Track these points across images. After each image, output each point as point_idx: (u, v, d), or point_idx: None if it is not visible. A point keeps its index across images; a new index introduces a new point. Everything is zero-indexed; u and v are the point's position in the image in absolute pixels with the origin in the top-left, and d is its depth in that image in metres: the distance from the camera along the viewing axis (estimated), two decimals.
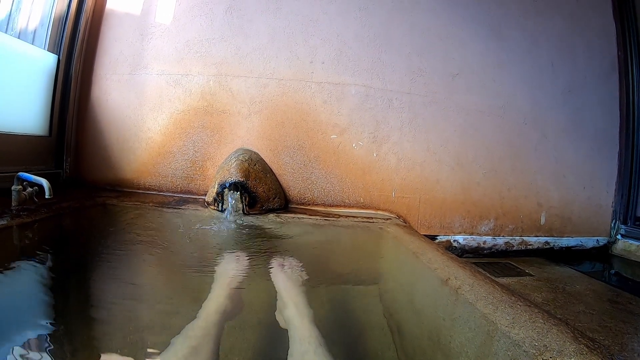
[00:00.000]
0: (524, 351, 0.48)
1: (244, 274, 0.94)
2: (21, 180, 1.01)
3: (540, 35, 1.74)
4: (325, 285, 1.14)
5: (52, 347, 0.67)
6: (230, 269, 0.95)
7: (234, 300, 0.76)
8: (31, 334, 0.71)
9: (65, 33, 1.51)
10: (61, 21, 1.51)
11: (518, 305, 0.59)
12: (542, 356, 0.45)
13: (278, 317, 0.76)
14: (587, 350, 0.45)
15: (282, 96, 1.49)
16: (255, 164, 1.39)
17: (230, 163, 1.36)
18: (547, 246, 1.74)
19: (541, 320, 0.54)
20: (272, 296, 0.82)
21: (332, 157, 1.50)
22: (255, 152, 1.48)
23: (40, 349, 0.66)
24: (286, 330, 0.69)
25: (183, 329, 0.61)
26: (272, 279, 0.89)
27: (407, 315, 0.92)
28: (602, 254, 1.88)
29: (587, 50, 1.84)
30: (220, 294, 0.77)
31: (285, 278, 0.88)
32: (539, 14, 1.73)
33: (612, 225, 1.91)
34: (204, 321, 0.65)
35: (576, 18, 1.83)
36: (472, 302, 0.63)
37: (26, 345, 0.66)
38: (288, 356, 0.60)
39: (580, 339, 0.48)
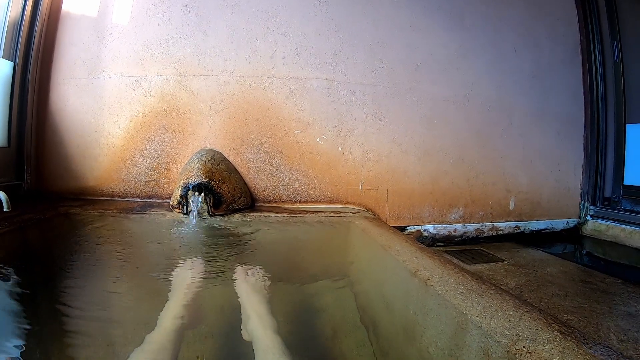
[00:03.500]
0: (496, 342, 0.46)
1: (205, 281, 0.92)
2: None
3: (503, 22, 1.76)
4: (296, 284, 1.13)
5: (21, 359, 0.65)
6: (188, 276, 0.92)
7: (193, 310, 0.74)
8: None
9: (20, 39, 1.46)
10: (16, 26, 1.46)
11: (488, 294, 0.58)
12: (515, 345, 0.44)
13: (242, 330, 0.74)
14: (560, 336, 0.44)
15: (243, 93, 1.47)
16: (219, 164, 1.37)
17: (193, 164, 1.34)
18: (518, 230, 1.77)
19: (513, 308, 0.53)
20: (234, 304, 0.80)
21: (297, 153, 1.49)
22: (218, 152, 1.46)
23: None
24: (249, 342, 0.67)
25: (140, 343, 0.59)
26: (235, 290, 0.87)
27: (379, 310, 0.91)
28: (573, 235, 1.93)
29: (550, 36, 1.87)
30: (177, 304, 0.75)
31: (248, 288, 0.86)
32: (500, 0, 1.75)
33: (581, 206, 1.96)
34: (160, 335, 0.63)
35: (538, 4, 1.85)
36: (441, 293, 0.62)
37: None
38: None
39: (553, 324, 0.48)
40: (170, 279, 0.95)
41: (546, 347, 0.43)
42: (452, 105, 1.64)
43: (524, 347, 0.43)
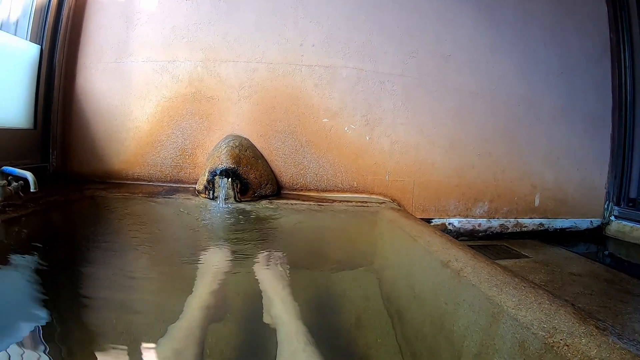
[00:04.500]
0: (533, 333, 0.46)
1: (230, 267, 0.91)
2: (5, 175, 0.97)
3: (532, 16, 1.73)
4: (321, 272, 1.13)
5: (44, 342, 0.65)
6: (214, 262, 0.92)
7: (219, 298, 0.74)
8: (22, 330, 0.69)
9: (47, 22, 1.47)
10: (43, 10, 1.46)
11: (522, 287, 0.58)
12: (553, 338, 0.44)
13: (265, 316, 0.74)
14: (596, 330, 0.44)
15: (272, 80, 1.46)
16: (246, 150, 1.37)
17: (220, 150, 1.34)
18: (542, 228, 1.74)
19: (547, 302, 0.52)
20: (258, 290, 0.81)
21: (325, 142, 1.48)
22: (245, 138, 1.45)
23: (32, 344, 0.64)
24: (274, 328, 0.67)
25: (167, 331, 0.59)
26: (258, 276, 0.87)
27: (406, 299, 0.90)
28: (596, 236, 1.89)
29: (579, 33, 1.83)
30: (205, 291, 0.75)
31: (271, 274, 0.86)
32: None
33: (606, 206, 1.92)
34: (187, 321, 0.63)
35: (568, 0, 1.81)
36: (475, 285, 0.61)
37: (18, 340, 0.64)
38: (277, 355, 0.58)
39: (588, 319, 0.47)
40: (196, 264, 0.94)
41: (583, 340, 0.43)
42: (480, 99, 1.61)
43: (561, 339, 0.43)
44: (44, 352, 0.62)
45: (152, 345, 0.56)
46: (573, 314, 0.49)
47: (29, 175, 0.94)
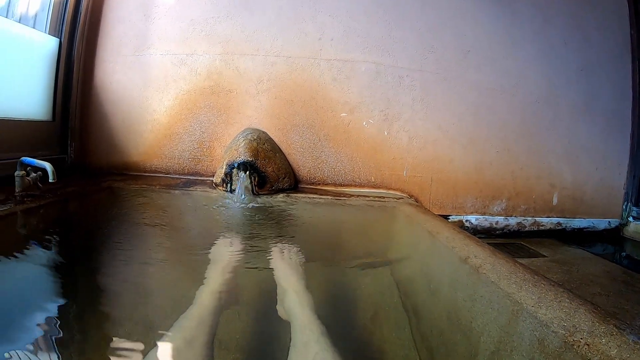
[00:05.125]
0: (553, 332, 0.46)
1: (245, 259, 0.91)
2: (24, 166, 0.98)
3: (553, 12, 1.70)
4: (337, 266, 1.12)
5: (60, 332, 0.65)
6: (228, 253, 0.91)
7: (231, 287, 0.74)
8: (38, 320, 0.69)
9: (66, 15, 1.47)
10: (62, 3, 1.47)
11: (542, 285, 0.57)
12: (573, 337, 0.43)
13: (278, 307, 0.73)
14: (616, 330, 0.44)
15: (290, 74, 1.46)
16: (264, 143, 1.37)
17: (238, 143, 1.34)
18: (559, 227, 1.72)
19: (567, 300, 0.52)
20: (272, 282, 0.80)
21: (343, 136, 1.47)
22: (263, 132, 1.45)
23: (47, 334, 0.64)
24: (287, 319, 0.67)
25: (177, 320, 0.59)
26: (273, 268, 0.86)
27: (423, 295, 0.89)
28: (613, 236, 1.86)
29: (599, 29, 1.80)
30: (216, 280, 0.74)
31: (286, 266, 0.85)
32: None
33: (624, 207, 1.89)
34: (198, 310, 0.62)
35: None
36: (494, 281, 0.61)
37: (34, 330, 0.64)
38: (290, 346, 0.58)
39: (608, 319, 0.47)
40: (211, 255, 0.94)
41: (603, 340, 0.42)
42: (499, 95, 1.59)
43: (581, 338, 0.43)
44: (59, 339, 0.62)
45: (164, 333, 0.55)
46: (593, 313, 0.48)
47: (47, 165, 0.95)
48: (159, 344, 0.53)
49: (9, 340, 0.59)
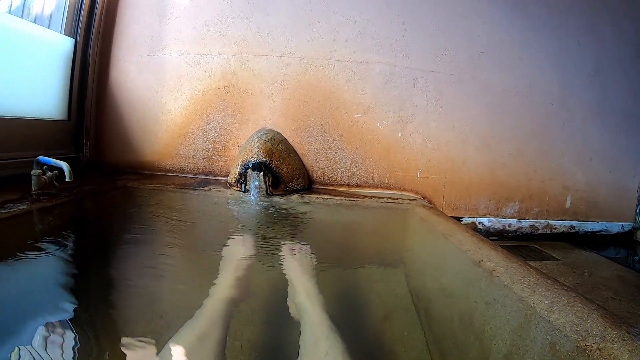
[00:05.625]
0: (565, 336, 0.46)
1: (257, 258, 0.92)
2: (40, 165, 0.99)
3: (566, 13, 1.69)
4: (349, 266, 1.13)
5: (74, 329, 0.66)
6: (240, 252, 0.92)
7: (242, 286, 0.74)
8: (53, 316, 0.70)
9: (81, 16, 1.49)
10: (77, 4, 1.49)
11: (555, 289, 0.58)
12: (585, 342, 0.44)
13: (289, 305, 0.74)
14: (628, 336, 0.44)
15: (304, 75, 1.46)
16: (279, 144, 1.37)
17: (253, 143, 1.34)
18: (572, 230, 1.70)
19: (580, 305, 0.52)
20: (284, 281, 0.81)
21: (357, 137, 1.48)
22: (278, 132, 1.45)
23: (61, 332, 0.65)
24: (298, 317, 0.67)
25: (191, 317, 0.59)
26: (285, 268, 0.87)
27: (435, 297, 0.90)
28: (627, 240, 1.84)
29: (613, 30, 1.78)
30: (228, 279, 0.75)
31: (298, 265, 0.86)
32: None
33: (638, 210, 1.87)
34: (211, 308, 0.63)
35: None
36: (508, 285, 0.61)
37: (48, 327, 0.65)
38: (300, 342, 0.58)
39: (620, 324, 0.47)
40: (224, 254, 0.95)
41: (615, 345, 0.42)
42: (513, 96, 1.58)
43: (593, 343, 0.43)
44: (74, 336, 0.63)
45: (177, 331, 0.56)
46: (605, 318, 0.48)
47: (64, 165, 0.96)
48: (172, 342, 0.53)
49: (24, 335, 0.61)
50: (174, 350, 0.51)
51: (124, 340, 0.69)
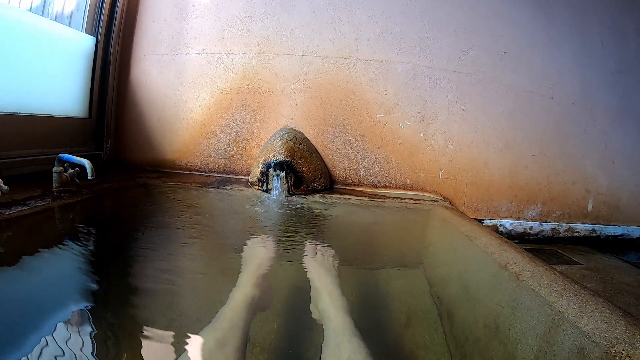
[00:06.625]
0: (594, 342, 0.45)
1: (279, 259, 0.91)
2: (62, 162, 0.99)
3: (590, 13, 1.66)
4: (370, 268, 1.12)
5: (93, 328, 0.66)
6: (262, 253, 0.91)
7: (263, 289, 0.73)
8: (72, 314, 0.70)
9: (102, 15, 1.50)
10: (98, 2, 1.50)
11: (582, 294, 0.57)
12: (615, 348, 0.43)
13: (312, 308, 0.73)
14: None
15: (326, 74, 1.46)
16: (301, 143, 1.37)
17: (274, 142, 1.34)
18: (594, 234, 1.68)
19: (608, 311, 0.51)
20: (305, 283, 0.80)
21: (379, 137, 1.47)
22: (299, 131, 1.45)
23: (80, 331, 0.65)
24: (320, 321, 0.66)
25: (212, 318, 0.58)
26: (307, 269, 0.86)
27: (458, 300, 0.88)
28: None
29: (637, 30, 1.75)
30: (249, 281, 0.73)
31: (320, 268, 0.85)
32: None
33: None
34: (231, 311, 0.61)
35: None
36: (535, 289, 0.60)
37: (68, 324, 0.65)
38: (323, 346, 0.58)
39: None
40: (245, 254, 0.94)
41: None
42: (535, 98, 1.56)
43: (623, 350, 0.42)
44: (92, 336, 0.63)
45: (196, 334, 0.55)
46: (634, 324, 0.47)
47: (86, 162, 0.96)
48: (192, 345, 0.53)
49: (42, 333, 0.61)
50: (194, 354, 0.51)
51: (143, 342, 0.69)
